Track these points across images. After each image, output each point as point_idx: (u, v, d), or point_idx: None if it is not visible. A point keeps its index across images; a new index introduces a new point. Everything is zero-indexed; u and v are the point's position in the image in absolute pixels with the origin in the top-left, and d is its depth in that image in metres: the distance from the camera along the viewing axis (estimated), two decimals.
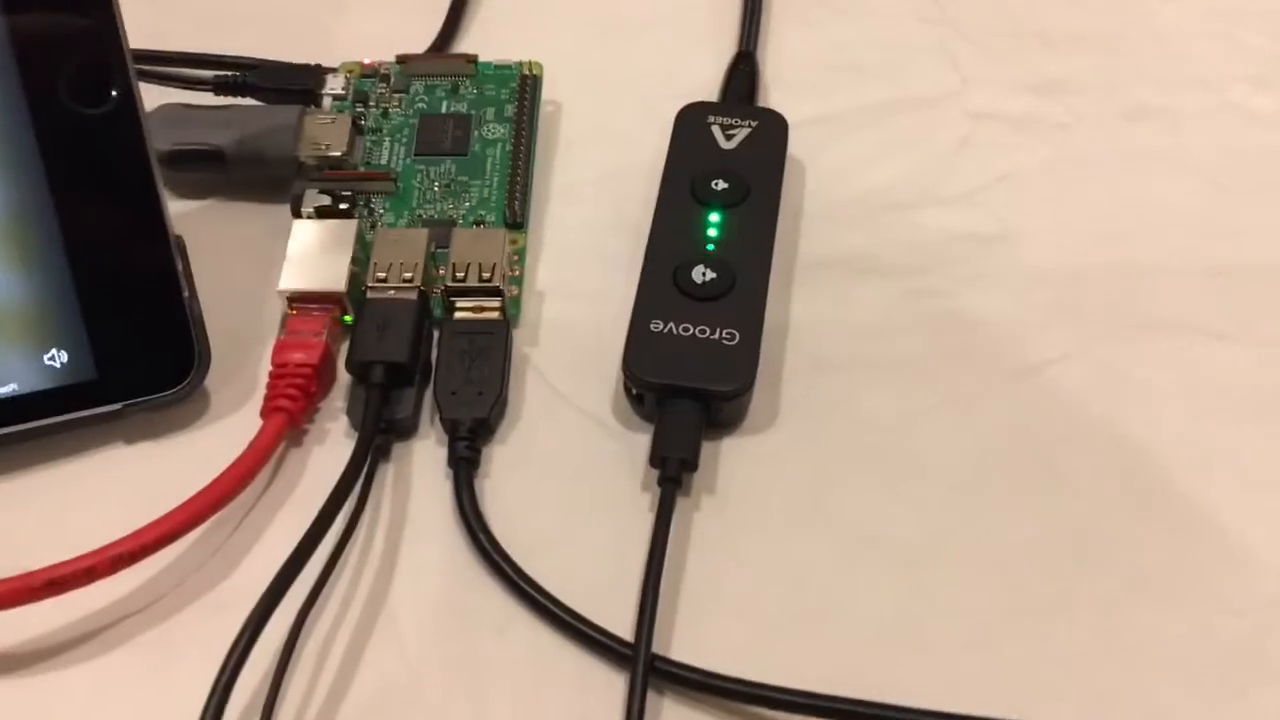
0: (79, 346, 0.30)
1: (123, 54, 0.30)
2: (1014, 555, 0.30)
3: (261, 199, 0.37)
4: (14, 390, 0.30)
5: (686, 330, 0.31)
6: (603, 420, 0.32)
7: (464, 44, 0.41)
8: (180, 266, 0.31)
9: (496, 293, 0.32)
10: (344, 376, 0.32)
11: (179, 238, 0.31)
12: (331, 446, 0.32)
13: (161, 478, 0.31)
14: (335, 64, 0.38)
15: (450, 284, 0.32)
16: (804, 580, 0.29)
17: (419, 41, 0.40)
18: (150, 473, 0.31)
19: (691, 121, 0.36)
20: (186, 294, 0.31)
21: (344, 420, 0.32)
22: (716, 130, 0.36)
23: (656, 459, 0.30)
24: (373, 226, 0.35)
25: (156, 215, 0.30)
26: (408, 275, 0.32)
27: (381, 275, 0.32)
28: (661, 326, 0.31)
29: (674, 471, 0.30)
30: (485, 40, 0.41)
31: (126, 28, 0.30)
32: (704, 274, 0.32)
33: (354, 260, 0.33)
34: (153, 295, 0.31)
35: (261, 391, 0.32)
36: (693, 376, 0.31)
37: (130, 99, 0.30)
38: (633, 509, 0.30)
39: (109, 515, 0.30)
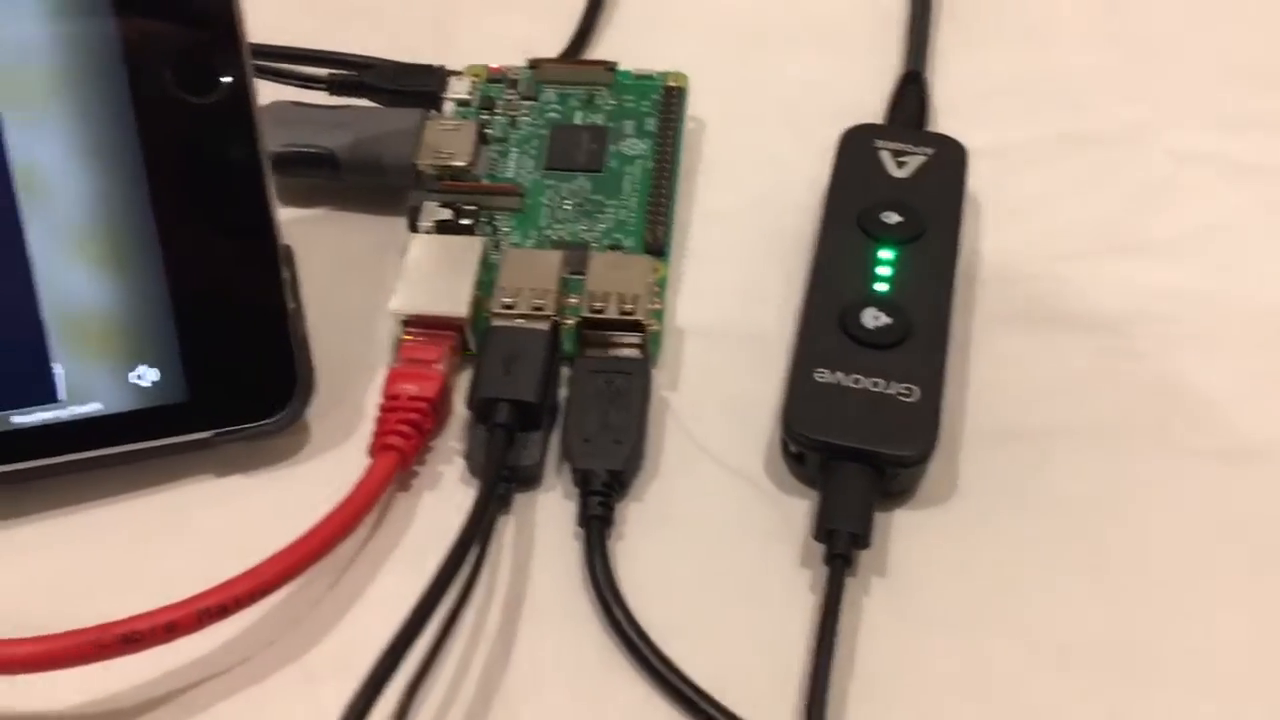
0: (170, 365, 0.27)
1: (237, 36, 0.26)
2: (1239, 669, 0.25)
3: (374, 209, 0.33)
4: (98, 410, 0.27)
5: (857, 382, 0.27)
6: (753, 479, 0.28)
7: (598, 51, 0.37)
8: (288, 280, 0.27)
9: (638, 328, 0.28)
10: (460, 413, 0.29)
11: (287, 247, 0.28)
12: (445, 493, 0.28)
13: (252, 517, 0.27)
14: (458, 66, 0.35)
15: (587, 315, 0.28)
16: (988, 687, 0.25)
17: (547, 46, 0.37)
18: (240, 511, 0.28)
19: (858, 145, 0.32)
20: (293, 312, 0.27)
21: (459, 463, 0.28)
22: (886, 156, 0.32)
23: (822, 531, 0.26)
24: (497, 246, 0.31)
25: (265, 221, 0.27)
26: (538, 303, 0.29)
27: (508, 301, 0.29)
28: (828, 376, 0.27)
29: (843, 547, 0.26)
30: (621, 48, 0.37)
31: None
32: (876, 318, 0.28)
33: (478, 283, 0.29)
34: (256, 311, 0.27)
35: (369, 425, 0.28)
36: (866, 437, 0.26)
37: (243, 88, 0.26)
38: (789, 587, 0.26)
39: (192, 556, 0.26)
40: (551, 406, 0.28)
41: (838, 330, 0.28)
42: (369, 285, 0.31)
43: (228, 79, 0.26)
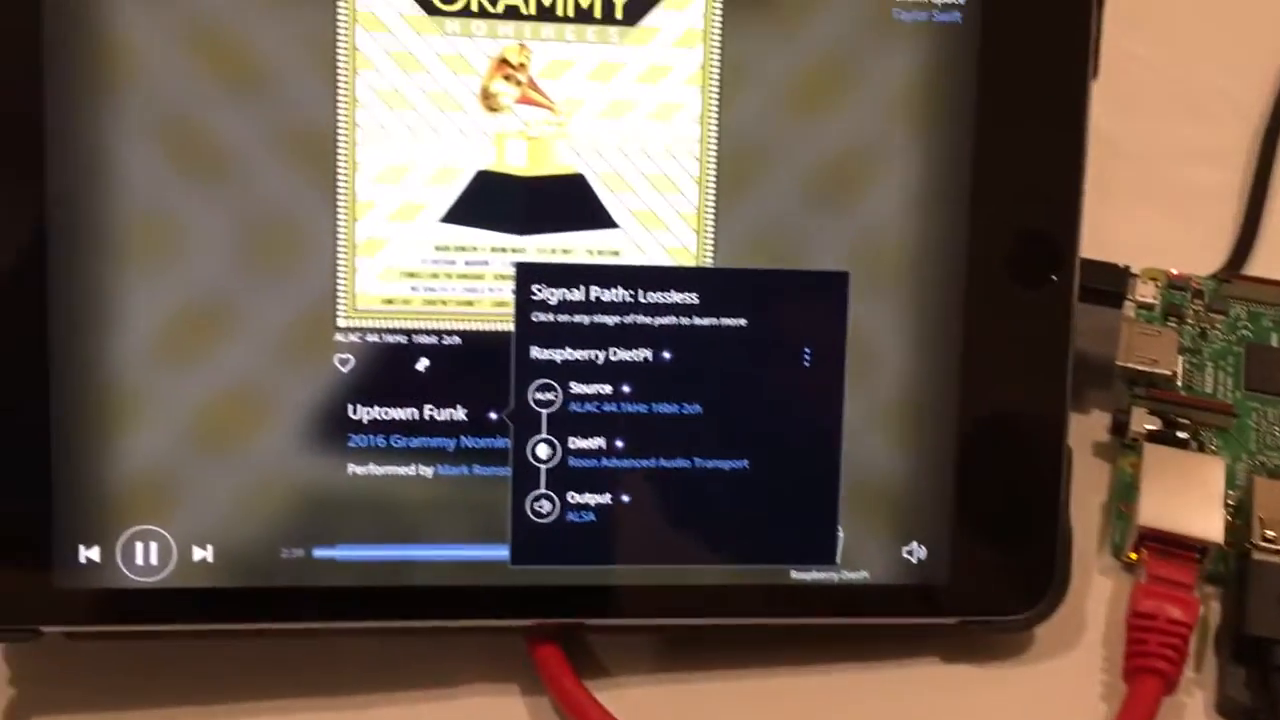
0: (939, 545, 0.27)
1: (1075, 237, 0.27)
2: None
3: None
4: (864, 579, 0.27)
5: None
6: None
7: (1254, 266, 0.36)
8: (1066, 481, 0.27)
9: None
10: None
11: (1069, 449, 0.27)
12: None
13: (979, 713, 0.27)
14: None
15: None
16: None
17: (1195, 254, 0.36)
18: (967, 704, 0.27)
19: None
20: (1065, 513, 0.27)
21: (1199, 694, 0.27)
22: None
23: None
24: None
25: (1060, 419, 0.27)
26: None
27: (1271, 534, 0.27)
28: None
29: None
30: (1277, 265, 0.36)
31: None
32: None
33: (1227, 507, 0.28)
34: (1033, 505, 0.27)
35: (1093, 634, 0.28)
36: None
37: (1069, 287, 0.27)
38: None
39: None
40: None
41: None
42: None
43: (1057, 276, 0.27)
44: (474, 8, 0.25)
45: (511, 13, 0.25)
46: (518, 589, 0.26)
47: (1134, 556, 0.29)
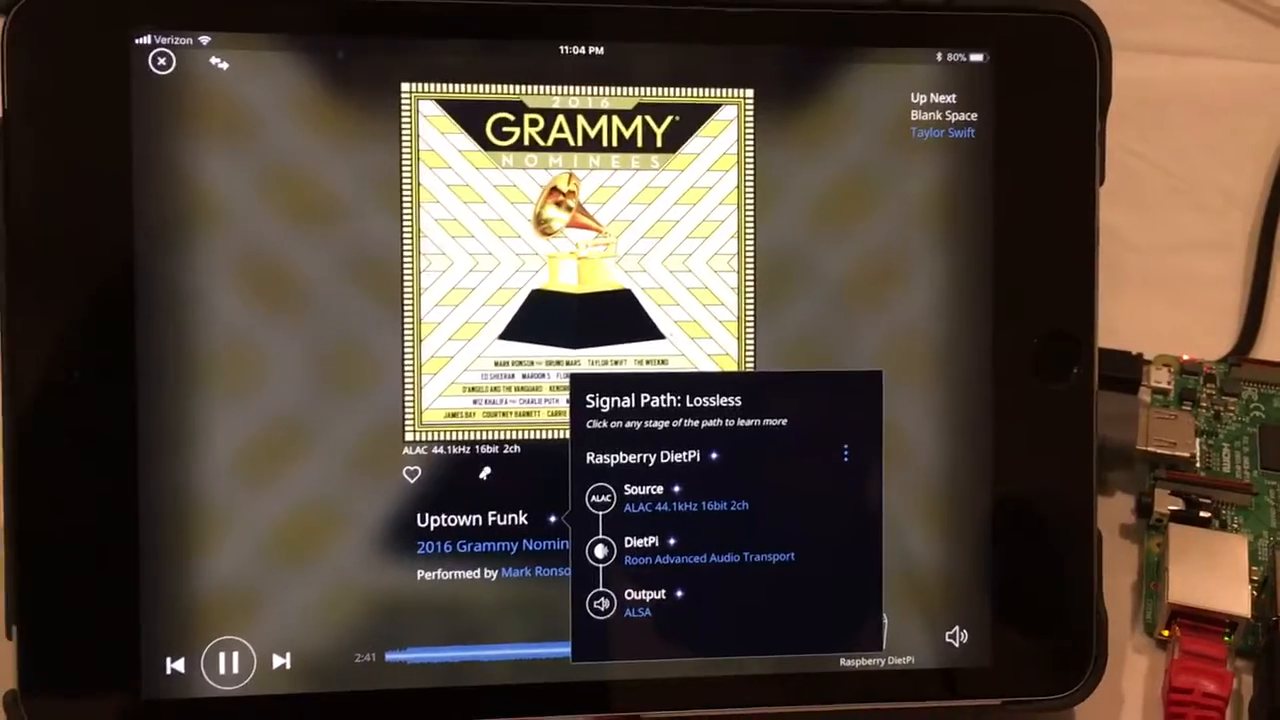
0: (980, 629, 0.28)
1: (1092, 330, 0.28)
2: None
3: None
4: (910, 664, 0.28)
5: None
6: None
7: (1261, 349, 0.38)
8: (1097, 563, 0.28)
9: None
10: None
11: (1098, 532, 0.29)
12: None
13: None
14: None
15: None
16: None
17: (1202, 340, 0.37)
18: None
19: None
20: (1098, 594, 0.28)
21: None
22: None
23: None
24: None
25: (1087, 505, 0.28)
26: None
27: None
28: None
29: None
30: None
31: None
32: None
33: (1252, 582, 0.29)
34: (1067, 588, 0.28)
35: (1131, 709, 0.29)
36: None
37: (1089, 381, 0.28)
38: None
39: None
40: None
41: None
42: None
43: (1078, 370, 0.28)
44: (526, 142, 0.27)
45: (561, 145, 0.27)
46: (579, 685, 0.27)
47: (1166, 633, 0.30)
